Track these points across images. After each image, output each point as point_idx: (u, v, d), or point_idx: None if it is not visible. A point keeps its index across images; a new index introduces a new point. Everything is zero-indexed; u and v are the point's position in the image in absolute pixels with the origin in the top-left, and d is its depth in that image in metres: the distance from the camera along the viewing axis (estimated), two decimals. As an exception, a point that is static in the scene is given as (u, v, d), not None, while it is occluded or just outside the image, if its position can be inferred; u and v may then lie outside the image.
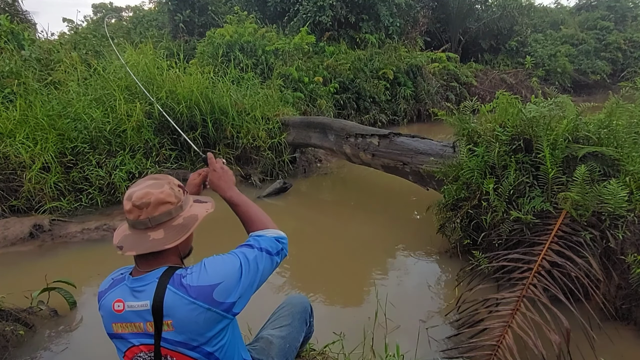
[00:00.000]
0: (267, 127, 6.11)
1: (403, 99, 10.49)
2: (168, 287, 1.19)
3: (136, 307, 1.20)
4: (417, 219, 4.62)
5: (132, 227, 1.24)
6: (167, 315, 1.18)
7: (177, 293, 1.18)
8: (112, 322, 1.24)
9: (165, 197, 1.23)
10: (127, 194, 1.24)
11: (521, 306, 2.28)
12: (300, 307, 1.78)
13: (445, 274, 3.36)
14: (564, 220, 2.70)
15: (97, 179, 4.79)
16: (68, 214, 4.57)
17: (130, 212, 1.22)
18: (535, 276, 2.44)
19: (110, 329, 1.26)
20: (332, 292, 3.17)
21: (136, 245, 1.21)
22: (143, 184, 1.27)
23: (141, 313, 1.20)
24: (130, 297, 1.22)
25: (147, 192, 1.22)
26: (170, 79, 5.96)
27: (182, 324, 1.18)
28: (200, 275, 1.21)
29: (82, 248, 3.90)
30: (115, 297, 1.24)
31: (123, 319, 1.22)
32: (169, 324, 1.18)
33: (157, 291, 1.19)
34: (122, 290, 1.24)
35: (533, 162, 2.98)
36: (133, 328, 1.22)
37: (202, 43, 9.02)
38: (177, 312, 1.17)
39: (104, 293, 1.28)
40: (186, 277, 1.21)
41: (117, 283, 1.28)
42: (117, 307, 1.22)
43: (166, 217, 1.24)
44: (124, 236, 1.25)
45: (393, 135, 4.58)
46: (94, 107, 5.26)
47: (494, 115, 3.40)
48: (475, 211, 3.17)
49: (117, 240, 1.25)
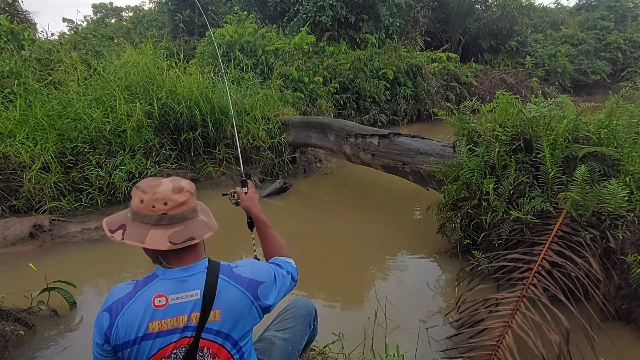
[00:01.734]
0: (267, 127, 6.11)
1: (403, 99, 10.49)
2: (220, 277, 1.22)
3: (183, 298, 1.17)
4: (417, 219, 4.62)
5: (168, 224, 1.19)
6: (217, 304, 1.19)
7: (229, 282, 1.23)
8: (149, 321, 1.16)
9: (189, 189, 1.25)
10: (150, 199, 1.17)
11: (521, 306, 2.28)
12: (304, 310, 1.78)
13: (445, 274, 3.35)
14: (564, 220, 2.70)
15: (97, 179, 4.79)
16: (68, 214, 4.57)
17: (158, 211, 1.17)
18: (535, 276, 2.43)
19: (139, 332, 1.16)
20: (332, 292, 3.17)
21: (179, 235, 1.18)
22: (153, 182, 1.22)
23: (188, 304, 1.17)
24: (175, 288, 1.18)
25: (168, 189, 1.19)
26: (170, 79, 5.96)
27: (230, 313, 1.21)
28: (252, 269, 1.30)
29: (82, 248, 3.90)
30: (154, 293, 1.17)
31: (166, 314, 1.17)
32: (216, 313, 1.19)
33: (208, 279, 1.19)
34: (160, 285, 1.19)
35: (533, 162, 2.97)
36: (175, 322, 1.17)
37: (202, 43, 9.02)
38: (228, 300, 1.21)
39: (128, 298, 1.19)
40: (237, 268, 1.27)
41: (145, 283, 1.21)
42: (158, 302, 1.16)
43: (196, 208, 1.27)
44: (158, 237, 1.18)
45: (393, 135, 4.58)
46: (94, 107, 5.26)
47: (494, 115, 3.39)
48: (475, 211, 3.17)
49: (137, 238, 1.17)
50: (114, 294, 1.23)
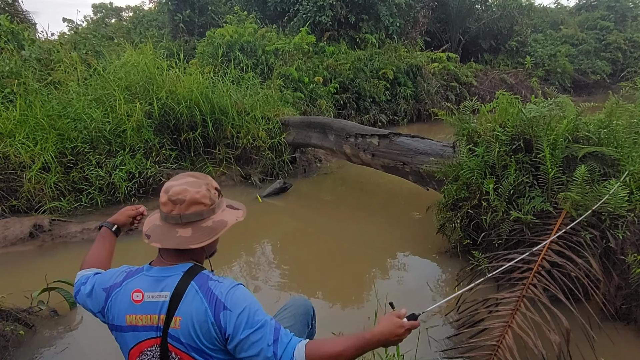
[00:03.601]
0: (267, 127, 6.11)
1: (403, 99, 10.49)
2: (192, 283, 1.20)
3: (155, 298, 1.20)
4: (417, 219, 4.62)
5: (164, 220, 1.27)
6: (179, 311, 1.18)
7: (198, 292, 1.19)
8: (127, 314, 1.22)
9: (200, 198, 1.25)
10: (165, 187, 1.27)
11: (521, 306, 2.28)
12: (302, 309, 1.77)
13: (445, 274, 3.35)
14: (564, 220, 2.70)
15: (97, 179, 4.79)
16: (68, 214, 4.57)
17: (164, 205, 1.26)
18: (535, 276, 2.44)
19: (121, 321, 1.24)
20: (332, 291, 3.17)
21: (163, 238, 1.24)
22: (182, 179, 1.29)
23: (158, 304, 1.20)
24: (151, 286, 1.22)
25: (185, 189, 1.24)
26: (170, 79, 5.96)
27: (188, 324, 1.17)
28: (228, 290, 1.20)
29: (82, 248, 3.89)
30: (134, 287, 1.23)
31: (140, 310, 1.21)
32: (177, 320, 1.18)
33: (179, 283, 1.20)
34: (141, 280, 1.25)
35: (533, 162, 2.97)
36: (148, 320, 1.21)
37: (202, 43, 9.02)
38: (189, 310, 1.17)
39: (118, 285, 1.27)
40: (214, 282, 1.22)
41: (133, 274, 1.28)
42: (135, 297, 1.22)
43: (196, 217, 1.26)
44: (153, 226, 1.28)
45: (393, 135, 4.58)
46: (94, 107, 5.25)
47: (494, 115, 3.39)
48: (475, 211, 3.17)
49: (146, 228, 1.29)
50: (107, 279, 1.32)
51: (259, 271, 3.53)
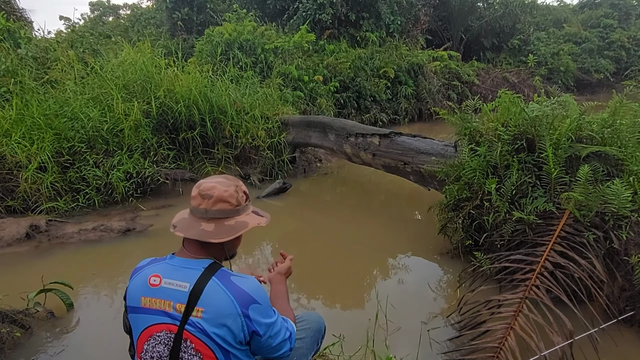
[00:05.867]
0: (266, 126, 6.11)
1: (404, 98, 10.50)
2: (213, 279, 1.28)
3: (174, 286, 1.28)
4: (418, 220, 4.62)
5: (191, 213, 1.38)
6: (202, 303, 1.24)
7: (220, 285, 1.27)
8: (142, 296, 1.30)
9: (227, 197, 1.36)
10: (198, 183, 1.40)
11: (524, 308, 2.28)
12: (316, 325, 1.80)
13: (447, 275, 3.35)
14: (567, 220, 2.70)
15: (95, 179, 4.79)
16: (65, 214, 4.57)
17: (194, 198, 1.37)
18: (537, 277, 2.44)
19: (136, 302, 1.31)
20: (332, 293, 3.17)
21: (187, 229, 1.34)
22: (215, 179, 1.41)
23: (176, 293, 1.27)
24: (170, 274, 1.30)
25: (214, 186, 1.36)
26: (169, 77, 5.96)
27: (212, 316, 1.24)
28: (252, 285, 1.32)
29: (79, 249, 3.90)
30: (153, 272, 1.32)
31: (156, 294, 1.28)
32: (199, 311, 1.24)
33: (200, 278, 1.27)
34: (162, 267, 1.33)
35: (536, 162, 2.97)
36: (162, 305, 1.28)
37: (201, 41, 9.02)
38: (213, 302, 1.25)
39: (141, 268, 1.38)
40: (236, 277, 1.32)
41: (156, 261, 1.37)
42: (153, 281, 1.30)
43: (221, 215, 1.36)
44: (182, 218, 1.39)
45: (394, 135, 4.58)
46: (91, 106, 5.25)
47: (496, 115, 3.39)
48: (477, 211, 3.17)
49: (175, 220, 1.39)
50: (140, 263, 1.42)
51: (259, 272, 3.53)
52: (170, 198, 5.14)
